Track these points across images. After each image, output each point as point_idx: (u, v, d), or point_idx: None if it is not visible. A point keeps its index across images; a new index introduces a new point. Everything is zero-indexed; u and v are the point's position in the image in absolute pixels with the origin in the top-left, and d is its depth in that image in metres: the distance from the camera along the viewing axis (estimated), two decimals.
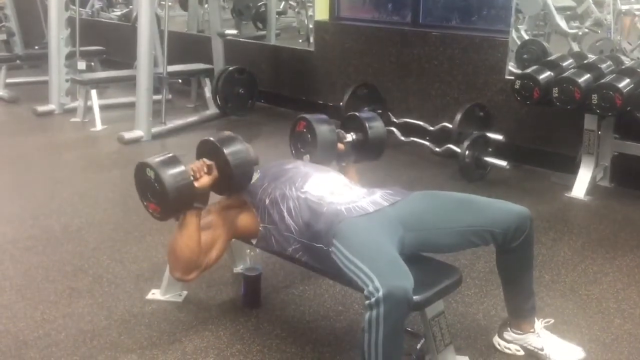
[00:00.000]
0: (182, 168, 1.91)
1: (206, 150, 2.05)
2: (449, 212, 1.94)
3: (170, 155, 1.95)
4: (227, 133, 2.10)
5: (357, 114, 2.46)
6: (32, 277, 2.64)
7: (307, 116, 2.31)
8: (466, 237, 1.92)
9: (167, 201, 1.88)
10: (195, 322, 2.32)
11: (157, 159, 1.92)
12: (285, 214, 1.95)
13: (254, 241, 2.09)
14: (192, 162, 2.02)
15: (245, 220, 2.07)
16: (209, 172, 1.98)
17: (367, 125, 2.37)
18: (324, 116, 2.34)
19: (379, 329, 1.58)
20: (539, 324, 2.10)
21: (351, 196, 1.96)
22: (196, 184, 1.93)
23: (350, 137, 2.37)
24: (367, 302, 1.60)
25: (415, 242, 1.89)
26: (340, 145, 2.34)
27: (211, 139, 2.04)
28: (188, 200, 1.93)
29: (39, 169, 4.13)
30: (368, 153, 2.42)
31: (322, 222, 1.85)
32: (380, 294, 1.56)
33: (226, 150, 1.98)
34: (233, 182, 2.01)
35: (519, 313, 2.10)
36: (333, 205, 1.89)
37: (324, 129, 2.27)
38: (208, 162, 1.99)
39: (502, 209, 1.94)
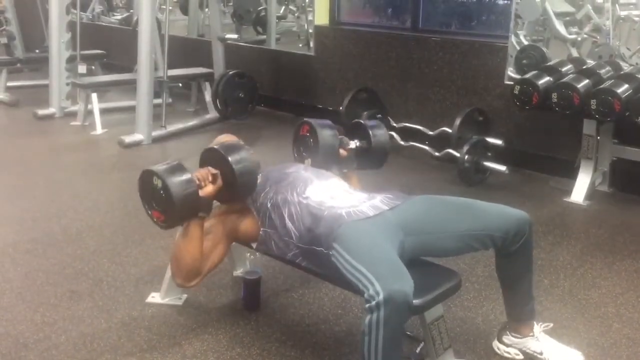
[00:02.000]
0: (188, 176, 1.90)
1: (211, 158, 2.03)
2: (449, 216, 1.95)
3: (176, 163, 1.94)
4: (231, 141, 2.08)
5: (361, 121, 2.46)
6: (33, 280, 2.64)
7: (311, 120, 2.31)
8: (466, 242, 1.92)
9: (173, 210, 1.87)
10: (195, 325, 2.32)
11: (164, 167, 1.90)
12: (287, 219, 1.96)
13: (254, 245, 2.10)
14: (194, 168, 2.02)
15: (245, 224, 2.08)
16: (213, 181, 1.98)
17: (370, 133, 2.38)
18: (327, 121, 2.35)
19: (379, 332, 1.58)
20: (538, 328, 2.11)
21: (351, 200, 1.97)
22: (200, 192, 1.93)
23: (353, 144, 2.38)
24: (367, 305, 1.60)
25: (415, 246, 1.89)
26: (343, 152, 2.34)
27: (216, 147, 2.02)
28: (194, 209, 1.92)
29: (40, 172, 4.14)
30: (370, 161, 2.43)
31: (323, 226, 1.86)
32: (381, 297, 1.57)
33: (232, 159, 1.96)
34: (237, 191, 2.01)
35: (518, 317, 2.10)
36: (333, 209, 1.90)
37: (326, 133, 2.27)
38: (213, 170, 1.98)
39: (502, 213, 1.95)
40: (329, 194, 2.00)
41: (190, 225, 1.95)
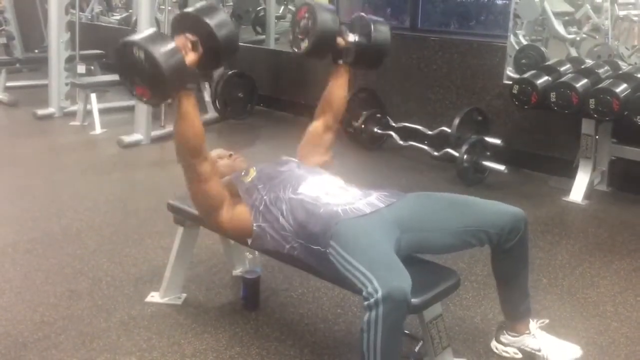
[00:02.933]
0: (173, 44, 1.78)
1: (185, 25, 1.90)
2: (444, 213, 1.95)
3: (155, 31, 1.82)
4: (205, 2, 1.95)
5: (364, 14, 2.32)
6: (32, 280, 2.65)
7: (311, 2, 2.18)
8: (461, 238, 1.92)
9: (162, 82, 1.74)
10: (194, 324, 2.33)
11: (144, 36, 1.77)
12: (280, 215, 1.95)
13: (249, 241, 2.06)
14: None
15: (241, 209, 2.03)
16: (193, 48, 1.89)
17: (372, 27, 2.24)
18: (330, 5, 2.20)
19: (377, 330, 1.59)
20: (534, 324, 2.11)
21: (347, 197, 1.96)
22: None
23: (352, 37, 2.24)
24: (365, 303, 1.60)
25: (411, 243, 1.89)
26: (341, 41, 2.20)
27: (189, 11, 1.91)
28: (182, 79, 1.81)
29: (39, 172, 4.14)
30: (368, 58, 2.30)
31: (319, 223, 1.85)
32: (379, 295, 1.57)
33: (210, 22, 1.85)
34: (220, 54, 1.91)
35: (514, 314, 2.11)
36: (329, 207, 1.89)
37: (326, 17, 2.13)
38: (192, 37, 1.87)
39: (497, 209, 1.95)
40: (324, 190, 1.98)
41: (182, 102, 1.89)
